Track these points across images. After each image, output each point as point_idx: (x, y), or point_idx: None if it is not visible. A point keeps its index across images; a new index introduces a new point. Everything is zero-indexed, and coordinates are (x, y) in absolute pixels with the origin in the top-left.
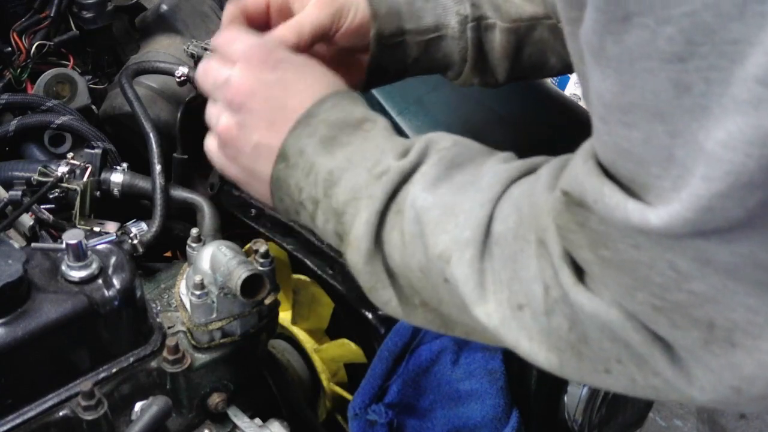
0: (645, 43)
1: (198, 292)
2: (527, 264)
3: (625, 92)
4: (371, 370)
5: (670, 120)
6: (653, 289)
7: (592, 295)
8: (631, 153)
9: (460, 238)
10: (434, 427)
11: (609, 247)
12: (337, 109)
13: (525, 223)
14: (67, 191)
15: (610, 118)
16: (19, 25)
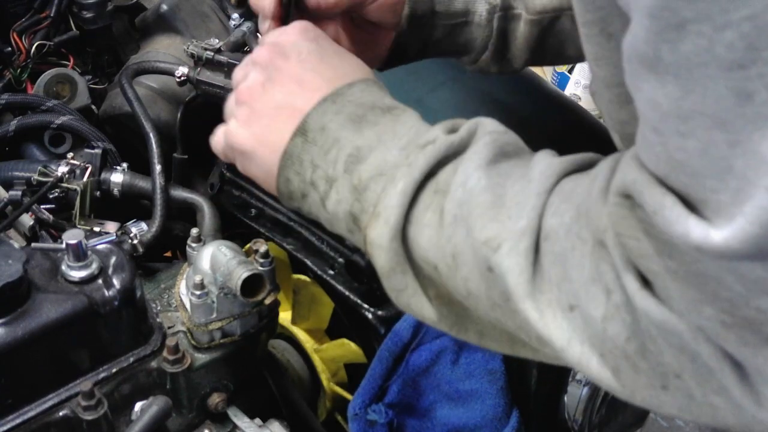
0: (702, 51)
1: (198, 292)
2: (580, 264)
3: (686, 98)
4: (371, 370)
5: (731, 129)
6: (722, 305)
7: (660, 302)
8: (685, 165)
9: (514, 227)
10: (434, 427)
11: (674, 257)
12: (366, 93)
13: (581, 220)
14: (67, 191)
15: (665, 128)
16: (19, 25)
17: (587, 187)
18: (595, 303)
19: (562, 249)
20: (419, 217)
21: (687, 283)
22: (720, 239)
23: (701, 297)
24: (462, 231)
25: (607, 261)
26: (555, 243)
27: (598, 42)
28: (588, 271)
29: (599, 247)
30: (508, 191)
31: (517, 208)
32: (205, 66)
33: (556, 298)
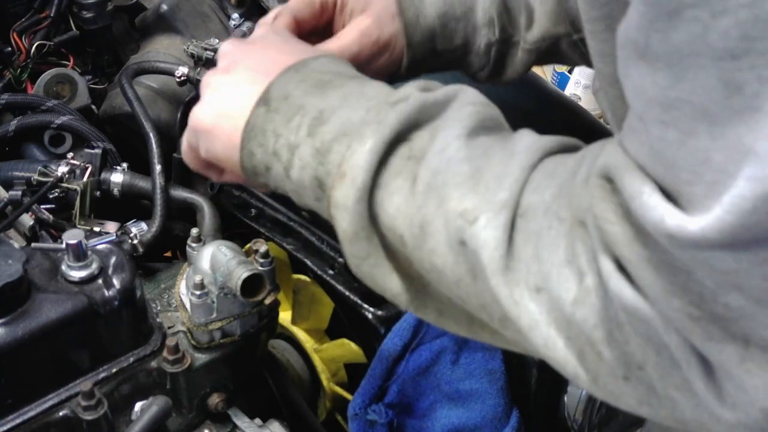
0: (695, 39)
1: (198, 292)
2: (555, 244)
3: (673, 87)
4: (371, 370)
5: (716, 121)
6: (691, 298)
7: (634, 288)
8: (662, 155)
9: (493, 199)
10: (434, 427)
11: (648, 245)
12: (333, 63)
13: (562, 199)
14: (67, 191)
15: (648, 116)
16: (19, 25)
17: (572, 168)
18: (567, 285)
19: (537, 227)
20: (389, 181)
21: (658, 272)
22: (695, 228)
23: (671, 288)
24: (434, 201)
25: (585, 242)
26: (531, 220)
27: (603, 38)
28: (563, 251)
29: (578, 227)
30: (488, 163)
31: (496, 181)
32: (205, 66)
33: (524, 278)
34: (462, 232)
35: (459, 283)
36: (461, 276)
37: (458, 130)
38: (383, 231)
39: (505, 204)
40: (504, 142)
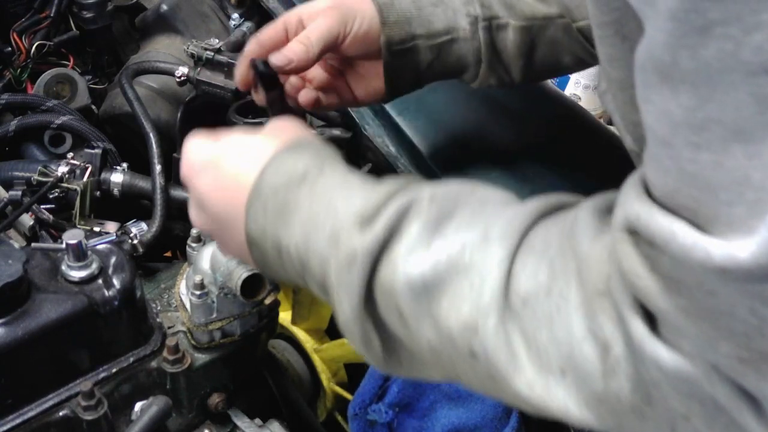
0: (726, 55)
1: (198, 292)
2: (568, 323)
3: (703, 106)
4: (371, 370)
5: (750, 139)
6: (737, 340)
7: (670, 347)
8: (697, 178)
9: (480, 303)
10: (434, 427)
11: (683, 294)
12: (279, 171)
13: (560, 277)
14: (67, 191)
15: (676, 140)
16: (19, 25)
17: (566, 237)
18: (591, 360)
19: (545, 311)
20: (384, 318)
21: (699, 320)
22: (745, 255)
23: (716, 333)
24: (428, 325)
25: (605, 312)
26: (536, 307)
27: (612, 43)
28: (578, 328)
29: (596, 298)
30: (465, 257)
31: (480, 278)
32: (205, 66)
33: (546, 365)
34: (471, 345)
35: (485, 385)
36: (483, 380)
37: (408, 247)
38: (404, 351)
39: (498, 302)
40: (473, 227)
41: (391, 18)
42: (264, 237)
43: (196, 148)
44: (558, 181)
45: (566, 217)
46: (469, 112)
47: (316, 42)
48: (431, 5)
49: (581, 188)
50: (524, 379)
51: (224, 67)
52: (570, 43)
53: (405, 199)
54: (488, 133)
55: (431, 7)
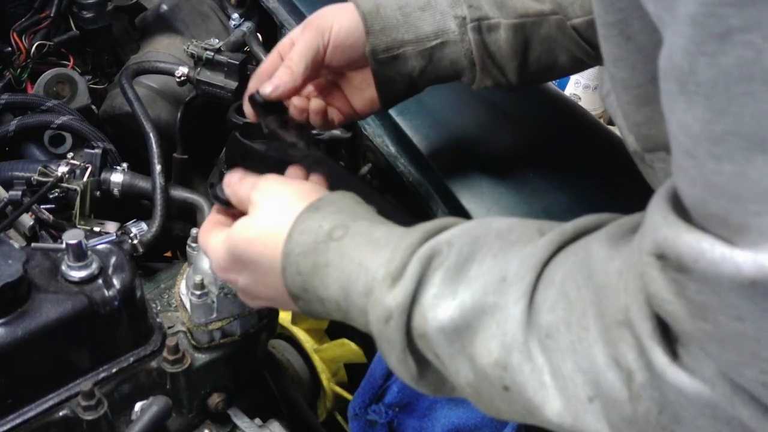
0: (746, 63)
1: (198, 292)
2: (590, 353)
3: (719, 119)
4: (371, 370)
5: None
6: (763, 365)
7: (691, 374)
8: (724, 189)
9: (505, 340)
10: (434, 427)
11: (709, 319)
12: (304, 234)
13: (576, 309)
14: (67, 191)
15: (698, 152)
16: (19, 25)
17: (584, 268)
18: (617, 387)
19: (568, 343)
20: (427, 359)
21: (723, 346)
22: None
23: (740, 359)
24: (465, 364)
25: (626, 341)
26: (560, 338)
27: (616, 43)
28: (601, 357)
29: (616, 328)
30: (488, 297)
31: (502, 317)
32: (205, 66)
33: (574, 394)
34: (503, 380)
35: (524, 417)
36: (520, 412)
37: (435, 298)
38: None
39: (522, 337)
40: (493, 268)
41: (376, 26)
42: (305, 293)
43: (215, 247)
44: (558, 181)
45: (582, 247)
46: (468, 112)
47: (298, 61)
48: (419, 10)
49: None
50: (554, 408)
51: (224, 67)
52: (565, 42)
53: (427, 250)
54: (488, 133)
55: (419, 12)
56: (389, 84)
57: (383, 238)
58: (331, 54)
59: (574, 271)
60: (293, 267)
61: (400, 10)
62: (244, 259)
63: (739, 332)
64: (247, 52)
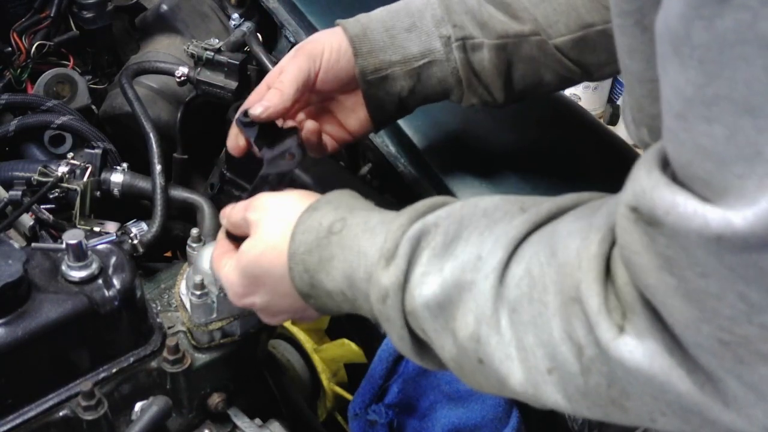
0: (742, 27)
1: (198, 292)
2: (549, 327)
3: (711, 83)
4: (371, 370)
5: (760, 114)
6: (721, 323)
7: (633, 349)
8: (711, 151)
9: (478, 314)
10: (434, 427)
11: (675, 274)
12: (306, 234)
13: (538, 285)
14: (67, 191)
15: (689, 114)
16: (19, 25)
17: (548, 246)
18: (570, 361)
19: (531, 316)
20: (421, 336)
21: (686, 301)
22: (742, 222)
23: (700, 315)
24: (449, 338)
25: (577, 316)
26: (523, 312)
27: (632, 33)
28: (557, 331)
29: (571, 304)
30: (467, 275)
31: (477, 292)
32: (205, 66)
33: (535, 365)
34: (477, 353)
35: (494, 389)
36: (493, 384)
37: (422, 275)
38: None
39: (491, 310)
40: (473, 246)
41: (363, 48)
42: (313, 289)
43: (227, 274)
44: (558, 181)
45: (553, 225)
46: (468, 112)
47: (289, 84)
48: (405, 32)
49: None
50: (517, 379)
51: (224, 67)
52: (548, 61)
53: (416, 231)
54: (488, 133)
55: (405, 34)
56: (380, 104)
57: (378, 224)
58: (322, 78)
59: (540, 249)
60: (299, 266)
61: (387, 33)
62: (257, 276)
63: (703, 289)
64: (247, 52)
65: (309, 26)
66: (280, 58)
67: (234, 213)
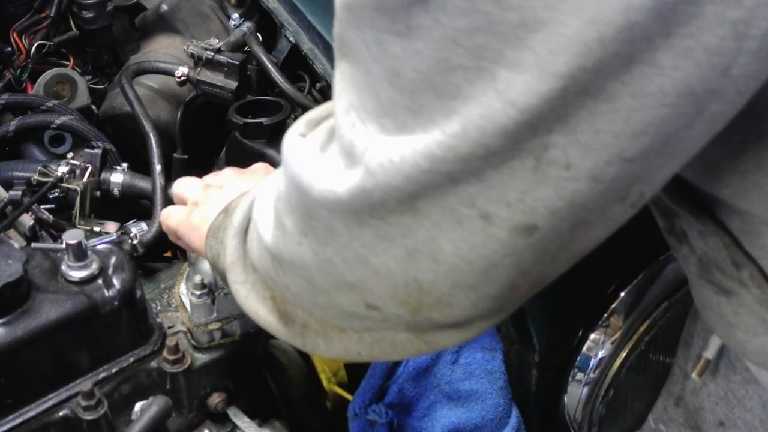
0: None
1: (198, 292)
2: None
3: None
4: (371, 370)
5: None
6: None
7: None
8: None
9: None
10: (434, 427)
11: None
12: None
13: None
14: (67, 191)
15: None
16: (19, 25)
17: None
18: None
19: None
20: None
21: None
22: None
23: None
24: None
25: None
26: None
27: None
28: None
29: None
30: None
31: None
32: (205, 66)
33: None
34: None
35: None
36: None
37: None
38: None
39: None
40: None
41: None
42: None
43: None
44: None
45: None
46: None
47: None
48: None
49: None
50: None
51: (224, 67)
52: None
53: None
54: None
55: None
56: None
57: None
58: None
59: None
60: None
61: None
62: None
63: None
64: (247, 52)
65: (309, 26)
66: (281, 58)
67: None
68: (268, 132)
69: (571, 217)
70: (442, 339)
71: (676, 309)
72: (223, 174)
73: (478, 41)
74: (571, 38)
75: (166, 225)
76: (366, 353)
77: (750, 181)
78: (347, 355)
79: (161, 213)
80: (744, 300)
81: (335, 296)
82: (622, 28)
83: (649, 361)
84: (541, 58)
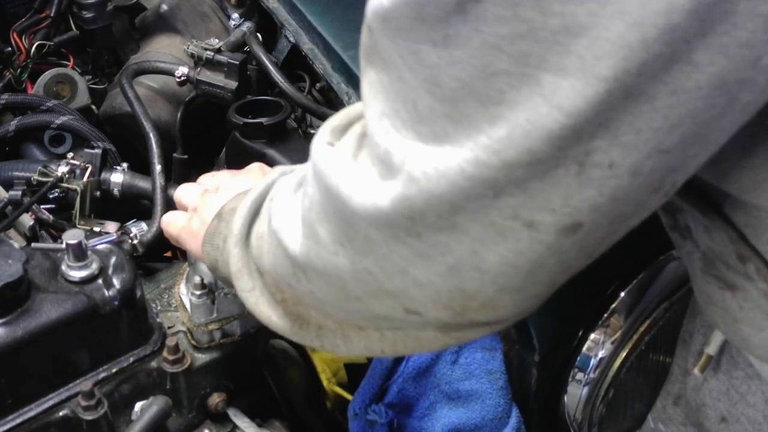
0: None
1: (198, 292)
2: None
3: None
4: (371, 370)
5: None
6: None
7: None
8: None
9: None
10: (434, 427)
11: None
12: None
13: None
14: (67, 191)
15: None
16: (19, 25)
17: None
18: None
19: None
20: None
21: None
22: None
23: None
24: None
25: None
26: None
27: None
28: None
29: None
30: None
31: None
32: (205, 66)
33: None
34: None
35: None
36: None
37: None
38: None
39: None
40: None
41: None
42: (229, 211)
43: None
44: None
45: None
46: None
47: None
48: None
49: None
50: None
51: (224, 67)
52: None
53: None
54: None
55: None
56: None
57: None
58: None
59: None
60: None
61: None
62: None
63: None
64: (247, 52)
65: (309, 26)
66: (281, 58)
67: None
68: (268, 132)
69: (612, 212)
70: (472, 334)
71: (676, 309)
72: (219, 176)
73: (520, 47)
74: (615, 42)
75: (167, 232)
76: (389, 350)
77: (759, 175)
78: (369, 352)
79: (162, 220)
80: (749, 294)
81: (369, 302)
82: (664, 30)
83: (649, 360)
84: (587, 62)
